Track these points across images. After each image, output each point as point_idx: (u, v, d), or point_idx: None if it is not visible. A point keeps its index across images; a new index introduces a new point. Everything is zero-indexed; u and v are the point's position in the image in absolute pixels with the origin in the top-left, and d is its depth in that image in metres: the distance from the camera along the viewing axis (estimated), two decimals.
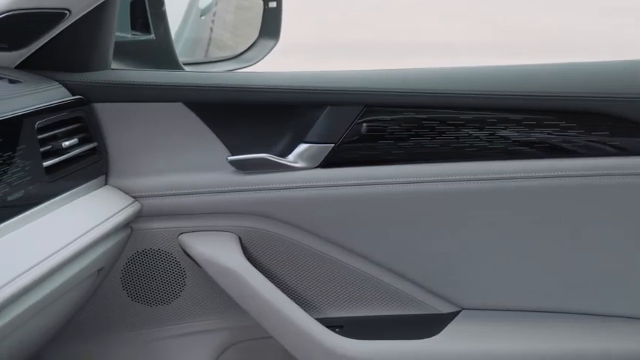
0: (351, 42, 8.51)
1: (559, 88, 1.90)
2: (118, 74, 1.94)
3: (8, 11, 1.77)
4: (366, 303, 2.00)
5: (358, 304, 2.00)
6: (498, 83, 1.91)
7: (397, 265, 1.97)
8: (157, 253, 1.97)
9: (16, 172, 1.59)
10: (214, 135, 1.93)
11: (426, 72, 1.96)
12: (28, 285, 1.46)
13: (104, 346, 2.04)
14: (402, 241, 1.94)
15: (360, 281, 1.99)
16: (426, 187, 1.91)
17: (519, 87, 1.90)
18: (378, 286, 1.99)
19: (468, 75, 1.95)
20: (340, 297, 2.00)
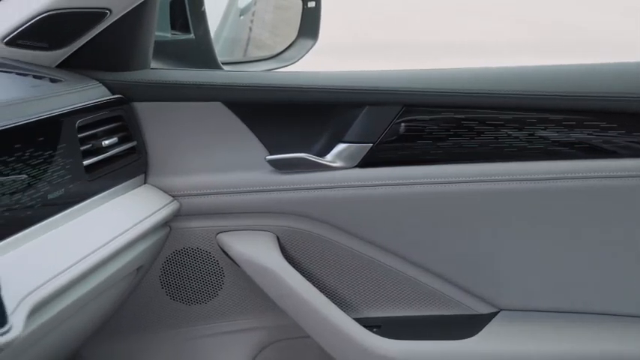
0: (388, 42, 8.49)
1: (599, 88, 1.88)
2: (157, 73, 1.95)
3: (49, 11, 1.78)
4: (403, 303, 2.00)
5: (396, 304, 2.00)
6: (538, 83, 1.90)
7: (435, 266, 1.96)
8: (195, 252, 1.98)
9: (57, 170, 1.60)
10: (253, 134, 1.93)
11: (465, 72, 1.96)
12: (68, 283, 1.47)
13: (142, 344, 2.05)
14: (440, 241, 1.94)
15: (398, 281, 1.98)
16: (464, 188, 1.90)
17: (559, 87, 1.89)
18: (415, 286, 1.98)
19: (508, 75, 1.94)
20: (378, 297, 2.00)
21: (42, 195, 1.54)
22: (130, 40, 1.90)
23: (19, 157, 1.49)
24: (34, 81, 1.76)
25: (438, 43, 8.45)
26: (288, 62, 2.39)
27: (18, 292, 1.30)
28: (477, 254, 1.94)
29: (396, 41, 8.51)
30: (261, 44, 2.74)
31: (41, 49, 1.83)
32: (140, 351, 2.05)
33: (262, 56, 2.53)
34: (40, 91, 1.70)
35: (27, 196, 1.50)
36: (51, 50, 1.84)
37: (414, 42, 8.52)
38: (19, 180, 1.48)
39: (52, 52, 1.84)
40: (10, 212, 1.45)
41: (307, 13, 2.35)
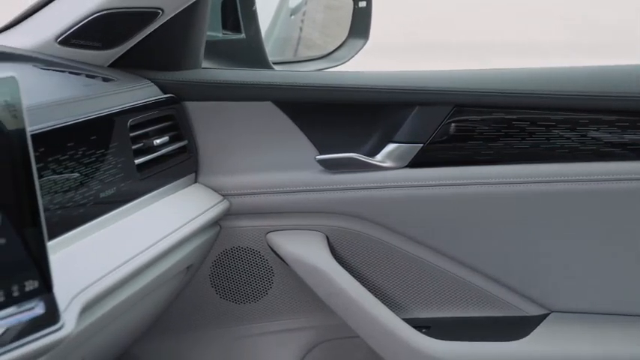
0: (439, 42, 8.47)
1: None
2: (208, 73, 1.96)
3: (102, 10, 1.79)
4: (453, 304, 1.99)
5: (445, 305, 1.99)
6: (590, 84, 1.89)
7: (485, 267, 1.95)
8: (245, 251, 1.98)
9: (109, 169, 1.61)
10: (303, 134, 1.94)
11: (516, 72, 1.95)
12: (119, 281, 1.48)
13: (192, 342, 2.06)
14: (490, 242, 1.93)
15: (448, 282, 1.97)
16: (515, 188, 1.89)
17: (612, 88, 1.87)
18: (465, 287, 1.98)
19: (560, 75, 1.93)
20: (427, 297, 1.99)
21: (94, 193, 1.55)
22: (181, 39, 1.91)
23: (71, 156, 1.50)
24: (87, 80, 1.77)
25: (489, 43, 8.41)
26: (338, 62, 2.39)
27: (70, 289, 1.31)
28: (527, 255, 1.93)
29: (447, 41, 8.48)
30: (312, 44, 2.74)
31: (94, 49, 1.85)
32: (189, 349, 2.06)
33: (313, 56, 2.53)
34: (92, 90, 1.71)
35: (79, 195, 1.51)
36: (104, 49, 1.86)
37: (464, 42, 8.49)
38: (71, 178, 1.50)
39: (104, 51, 1.86)
40: (63, 210, 1.46)
41: (358, 12, 2.34)
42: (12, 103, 1.13)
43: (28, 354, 1.15)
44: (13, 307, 1.13)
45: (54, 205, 1.43)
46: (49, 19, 1.84)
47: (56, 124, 1.49)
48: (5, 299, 1.12)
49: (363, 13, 2.35)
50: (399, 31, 8.45)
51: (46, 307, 1.17)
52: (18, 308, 1.14)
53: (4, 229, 1.12)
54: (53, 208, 1.43)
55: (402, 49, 7.75)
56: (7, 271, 1.12)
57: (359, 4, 2.32)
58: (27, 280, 1.14)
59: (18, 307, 1.14)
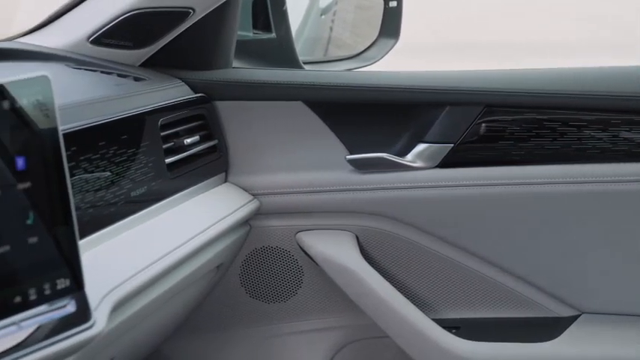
0: (469, 42, 8.45)
1: None
2: (239, 73, 1.96)
3: (134, 10, 1.80)
4: (483, 304, 1.99)
5: (475, 306, 1.99)
6: (622, 84, 1.88)
7: (516, 267, 1.94)
8: (274, 251, 1.98)
9: (140, 168, 1.62)
10: (333, 134, 1.93)
11: (547, 72, 1.94)
12: (150, 280, 1.49)
13: (222, 341, 2.06)
14: (521, 242, 1.92)
15: (478, 282, 1.97)
16: (546, 189, 1.88)
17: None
18: (495, 287, 1.97)
19: (591, 75, 1.92)
20: (457, 298, 1.99)
21: (125, 192, 1.56)
22: (212, 39, 1.91)
23: (103, 155, 1.51)
24: (118, 79, 1.78)
25: (520, 43, 8.38)
26: (368, 62, 2.39)
27: (101, 288, 1.32)
28: (558, 256, 1.92)
29: (477, 41, 8.46)
30: (342, 44, 2.74)
31: (125, 48, 1.85)
32: (219, 348, 2.07)
33: (343, 56, 2.53)
34: (123, 90, 1.72)
35: (110, 194, 1.52)
36: (135, 49, 1.86)
37: (495, 42, 8.46)
38: (102, 177, 1.50)
39: (135, 50, 1.87)
40: (94, 209, 1.47)
41: (389, 12, 2.34)
42: (44, 102, 1.13)
43: (59, 352, 1.16)
44: (45, 305, 1.14)
45: (85, 204, 1.44)
46: (81, 18, 1.85)
47: (88, 124, 1.50)
48: (37, 297, 1.12)
49: (393, 13, 2.34)
50: (429, 31, 8.44)
51: (77, 306, 1.18)
52: (49, 306, 1.15)
53: (36, 228, 1.12)
54: (84, 207, 1.43)
55: (432, 48, 7.73)
56: (38, 270, 1.13)
57: (389, 3, 2.32)
58: (58, 279, 1.15)
59: (49, 305, 1.15)
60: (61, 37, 1.85)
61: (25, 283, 1.11)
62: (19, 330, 1.10)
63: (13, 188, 1.10)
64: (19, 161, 1.11)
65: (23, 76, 1.12)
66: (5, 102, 1.10)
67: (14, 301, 1.10)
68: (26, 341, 1.13)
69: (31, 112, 1.12)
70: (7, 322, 1.09)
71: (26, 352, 1.12)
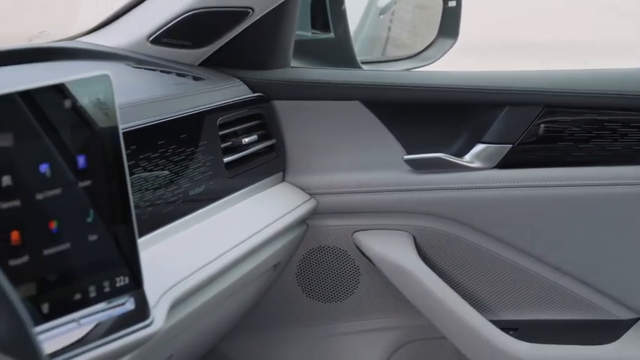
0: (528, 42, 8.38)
1: None
2: (297, 72, 1.97)
3: (194, 10, 1.81)
4: (541, 306, 1.97)
5: (533, 307, 1.97)
6: None
7: (574, 269, 1.93)
8: (331, 250, 1.98)
9: (198, 167, 1.63)
10: (391, 134, 1.93)
11: (608, 72, 1.92)
12: (207, 278, 1.49)
13: (278, 340, 2.07)
14: (579, 244, 1.91)
15: (536, 284, 1.95)
16: (605, 190, 1.86)
17: None
18: (553, 289, 1.95)
19: None
20: (514, 299, 1.97)
21: (183, 191, 1.57)
22: (271, 38, 1.92)
23: (162, 154, 1.52)
24: (178, 79, 1.79)
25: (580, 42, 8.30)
26: (427, 62, 2.38)
27: (159, 286, 1.32)
28: (617, 258, 1.90)
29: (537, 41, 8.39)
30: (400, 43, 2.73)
31: (185, 48, 1.87)
32: (275, 347, 2.07)
33: (401, 55, 2.52)
34: (183, 89, 1.73)
35: (169, 192, 1.53)
36: (194, 48, 1.87)
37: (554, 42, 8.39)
38: (161, 176, 1.51)
39: (195, 50, 1.88)
40: (153, 208, 1.48)
41: (448, 12, 2.33)
42: (105, 101, 1.14)
43: (118, 349, 1.17)
44: (104, 303, 1.15)
45: (144, 203, 1.45)
46: (141, 18, 1.87)
47: (147, 122, 1.51)
48: (97, 295, 1.13)
49: (452, 13, 2.33)
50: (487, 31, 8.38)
51: (136, 304, 1.18)
52: (108, 304, 1.16)
53: (96, 226, 1.13)
54: (143, 206, 1.44)
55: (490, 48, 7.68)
56: (98, 268, 1.14)
57: (449, 3, 2.31)
58: (118, 277, 1.16)
59: (108, 302, 1.16)
60: (122, 37, 1.87)
61: (85, 281, 1.12)
62: (78, 327, 1.11)
63: (73, 186, 1.11)
64: (79, 160, 1.12)
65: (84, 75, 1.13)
66: (67, 101, 1.11)
67: (74, 299, 1.11)
68: (85, 338, 1.14)
69: (92, 111, 1.13)
70: (67, 319, 1.10)
71: (85, 349, 1.13)
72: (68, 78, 1.12)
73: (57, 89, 1.11)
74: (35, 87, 1.08)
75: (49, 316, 1.08)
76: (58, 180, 1.09)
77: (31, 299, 1.06)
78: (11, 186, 1.04)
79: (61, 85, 1.11)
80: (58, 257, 1.09)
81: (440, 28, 2.36)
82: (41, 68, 1.75)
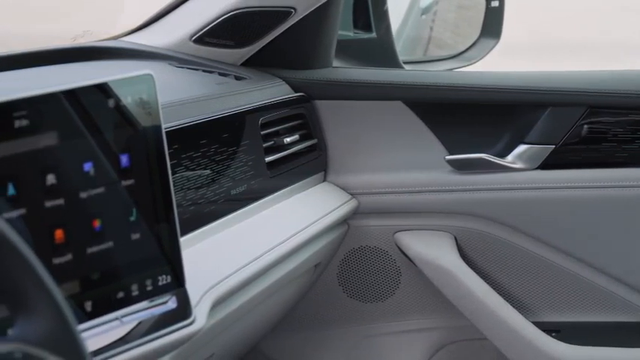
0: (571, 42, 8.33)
1: None
2: (339, 72, 1.96)
3: (236, 10, 1.82)
4: (584, 308, 1.96)
5: (576, 309, 1.96)
6: None
7: (618, 271, 1.91)
8: (372, 251, 1.98)
9: (240, 166, 1.63)
10: (432, 134, 1.93)
11: None
12: (248, 278, 1.50)
13: (319, 340, 2.07)
14: (623, 246, 1.89)
15: (579, 286, 1.94)
16: None
17: None
18: (597, 291, 1.94)
19: None
20: (557, 301, 1.96)
21: (225, 190, 1.57)
22: (313, 38, 1.92)
23: (204, 153, 1.52)
24: (220, 78, 1.80)
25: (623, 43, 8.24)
26: (469, 62, 2.37)
27: (201, 285, 1.33)
28: None
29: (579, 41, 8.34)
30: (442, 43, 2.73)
31: (227, 47, 1.87)
32: (316, 347, 2.07)
33: (443, 55, 2.51)
34: (225, 89, 1.74)
35: (211, 192, 1.53)
36: (236, 48, 1.88)
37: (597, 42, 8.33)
38: (203, 175, 1.52)
39: (237, 49, 1.88)
40: (195, 207, 1.48)
41: (490, 12, 2.32)
42: (148, 100, 1.15)
43: (160, 348, 1.17)
44: (146, 301, 1.15)
45: (186, 202, 1.45)
46: (184, 18, 1.87)
47: (190, 122, 1.51)
48: (139, 293, 1.14)
49: (495, 13, 2.32)
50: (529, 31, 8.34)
51: (178, 302, 1.19)
52: (150, 302, 1.16)
53: (138, 225, 1.14)
54: (185, 205, 1.45)
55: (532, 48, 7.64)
56: (141, 266, 1.14)
57: (491, 3, 2.30)
58: (160, 275, 1.16)
59: (150, 301, 1.16)
60: (165, 36, 1.88)
61: (128, 279, 1.13)
62: (121, 325, 1.12)
63: (117, 185, 1.12)
64: (123, 159, 1.13)
65: (128, 75, 1.14)
66: (110, 100, 1.12)
67: (117, 297, 1.12)
68: (128, 336, 1.14)
69: (135, 110, 1.14)
70: (110, 317, 1.11)
71: (127, 347, 1.13)
72: (112, 77, 1.12)
73: (100, 88, 1.11)
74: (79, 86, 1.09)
75: (92, 314, 1.09)
76: (101, 179, 1.10)
77: (74, 297, 1.07)
78: (55, 184, 1.05)
79: (104, 85, 1.12)
80: (102, 255, 1.10)
81: (482, 28, 2.35)
82: (85, 68, 1.76)
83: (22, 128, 1.02)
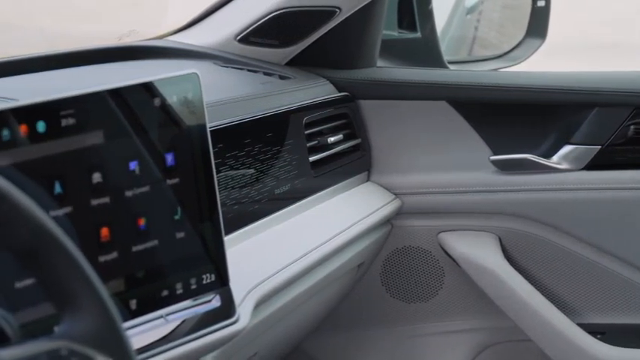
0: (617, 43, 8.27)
1: None
2: (383, 72, 1.96)
3: (281, 9, 1.82)
4: (629, 310, 1.94)
5: (621, 311, 1.94)
6: None
7: None
8: (416, 251, 1.98)
9: (284, 166, 1.63)
10: (477, 134, 1.92)
11: None
12: (292, 277, 1.50)
13: (361, 340, 2.06)
14: None
15: (624, 287, 1.93)
16: None
17: None
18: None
19: None
20: (602, 303, 1.95)
21: (268, 190, 1.58)
22: (357, 38, 1.92)
23: (248, 152, 1.53)
24: (264, 78, 1.80)
25: None
26: (514, 62, 2.36)
27: (245, 284, 1.33)
28: None
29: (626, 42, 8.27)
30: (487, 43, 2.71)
31: (272, 47, 1.88)
32: (358, 347, 2.07)
33: (488, 55, 2.50)
34: (269, 88, 1.74)
35: (254, 191, 1.53)
36: (281, 48, 1.88)
37: None
38: (247, 174, 1.52)
39: (281, 49, 1.89)
40: (239, 206, 1.48)
41: (536, 12, 2.30)
42: (193, 99, 1.15)
43: (203, 346, 1.18)
44: (190, 300, 1.16)
45: (230, 201, 1.46)
46: (229, 17, 1.88)
47: (234, 121, 1.52)
48: (183, 291, 1.14)
49: (541, 13, 2.31)
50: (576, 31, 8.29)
51: (222, 301, 1.19)
52: (194, 301, 1.16)
53: (183, 223, 1.14)
54: (229, 204, 1.45)
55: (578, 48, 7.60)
56: (185, 265, 1.15)
57: (537, 3, 2.29)
58: (204, 274, 1.17)
59: (194, 299, 1.17)
60: (210, 36, 1.89)
61: (172, 278, 1.13)
62: (165, 323, 1.13)
63: (162, 184, 1.12)
64: (168, 158, 1.13)
65: (173, 74, 1.14)
66: (156, 99, 1.12)
67: (161, 295, 1.12)
68: (172, 335, 1.15)
69: (180, 109, 1.14)
70: (155, 315, 1.11)
71: (172, 345, 1.14)
72: (157, 76, 1.13)
73: (146, 88, 1.12)
74: (124, 85, 1.10)
75: (136, 312, 1.09)
76: (146, 177, 1.10)
77: (119, 295, 1.08)
78: (101, 183, 1.06)
79: (150, 84, 1.12)
80: (146, 254, 1.11)
81: (528, 27, 2.34)
82: (130, 67, 1.77)
83: (69, 127, 1.03)
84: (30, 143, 0.99)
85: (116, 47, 1.86)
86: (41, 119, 1.00)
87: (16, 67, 1.63)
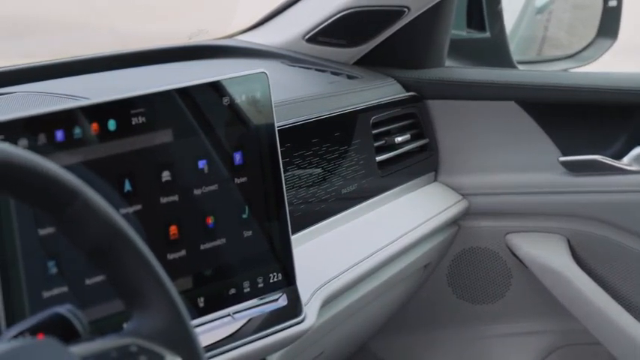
0: None
1: None
2: (451, 72, 1.95)
3: (349, 9, 1.82)
4: None
5: None
6: None
7: None
8: (483, 252, 1.96)
9: (351, 165, 1.63)
10: (546, 135, 1.90)
11: None
12: (358, 277, 1.50)
13: (428, 340, 2.06)
14: None
15: None
16: None
17: None
18: None
19: None
20: None
21: (336, 189, 1.58)
22: (426, 38, 1.91)
23: (315, 152, 1.53)
24: (332, 77, 1.80)
25: None
26: (585, 62, 2.33)
27: (311, 284, 1.33)
28: None
29: None
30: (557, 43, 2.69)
31: (340, 46, 1.88)
32: (424, 347, 2.06)
33: (558, 55, 2.48)
34: (337, 87, 1.74)
35: (322, 190, 1.54)
36: (349, 47, 1.88)
37: None
38: (314, 174, 1.52)
39: (350, 49, 1.89)
40: (306, 205, 1.49)
41: (607, 12, 2.28)
42: (261, 98, 1.16)
43: (270, 345, 1.18)
44: (257, 299, 1.16)
45: (297, 200, 1.46)
46: (297, 17, 1.89)
47: (302, 120, 1.52)
48: (250, 290, 1.15)
49: (612, 13, 2.28)
50: None
51: (288, 300, 1.20)
52: (261, 300, 1.17)
53: (250, 222, 1.15)
54: (296, 203, 1.46)
55: None
56: (252, 263, 1.15)
57: (609, 3, 2.26)
58: (271, 273, 1.17)
59: (261, 298, 1.17)
60: (278, 35, 1.89)
61: (240, 276, 1.14)
62: (232, 322, 1.13)
63: (230, 182, 1.13)
64: (236, 156, 1.14)
65: (241, 73, 1.15)
66: (224, 98, 1.13)
67: (229, 293, 1.13)
68: (238, 333, 1.16)
69: (249, 109, 1.15)
70: (222, 313, 1.12)
71: (239, 343, 1.14)
72: (225, 76, 1.13)
73: (214, 87, 1.13)
74: (193, 84, 1.11)
75: (204, 310, 1.10)
76: (215, 176, 1.11)
77: (187, 293, 1.09)
78: (170, 181, 1.07)
79: (218, 83, 1.13)
80: (214, 252, 1.11)
81: (599, 27, 2.31)
82: (199, 66, 1.79)
83: (139, 125, 1.04)
84: (100, 141, 1.01)
85: (185, 46, 1.88)
86: (112, 118, 1.01)
87: (87, 66, 1.65)
